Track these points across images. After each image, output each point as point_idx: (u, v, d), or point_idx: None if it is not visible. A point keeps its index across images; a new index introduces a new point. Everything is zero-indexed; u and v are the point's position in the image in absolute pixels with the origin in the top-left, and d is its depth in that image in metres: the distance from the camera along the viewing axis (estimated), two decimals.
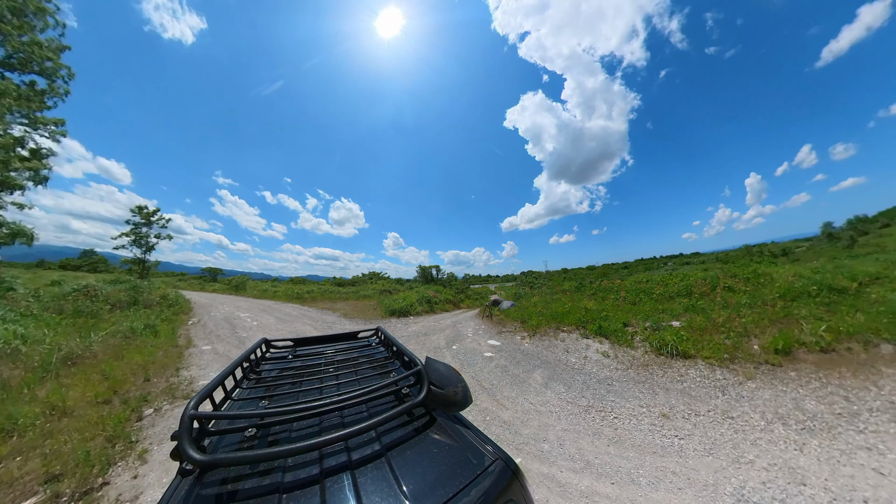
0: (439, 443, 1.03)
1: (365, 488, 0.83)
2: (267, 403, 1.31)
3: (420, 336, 9.79)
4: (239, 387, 1.49)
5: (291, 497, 0.80)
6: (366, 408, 1.23)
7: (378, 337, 2.27)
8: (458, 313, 15.76)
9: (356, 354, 1.97)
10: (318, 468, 0.90)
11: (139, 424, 4.01)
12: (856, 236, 30.54)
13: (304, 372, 1.65)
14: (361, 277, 33.81)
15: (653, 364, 5.66)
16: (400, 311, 13.80)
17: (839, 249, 29.91)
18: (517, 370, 6.23)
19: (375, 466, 0.91)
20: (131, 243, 21.57)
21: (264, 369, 1.77)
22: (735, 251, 48.66)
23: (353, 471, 0.89)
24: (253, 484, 0.85)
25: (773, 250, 41.26)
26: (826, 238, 44.62)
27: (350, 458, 0.94)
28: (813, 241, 49.15)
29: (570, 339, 7.75)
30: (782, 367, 4.88)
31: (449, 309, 17.85)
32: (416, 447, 1.01)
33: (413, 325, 12.05)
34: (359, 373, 1.62)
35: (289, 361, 1.93)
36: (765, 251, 40.56)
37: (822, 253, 29.46)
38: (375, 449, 0.98)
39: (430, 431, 1.09)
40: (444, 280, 26.91)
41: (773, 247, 46.50)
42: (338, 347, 2.20)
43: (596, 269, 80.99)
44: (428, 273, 26.70)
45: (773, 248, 44.50)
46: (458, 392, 1.22)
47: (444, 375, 1.27)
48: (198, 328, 9.65)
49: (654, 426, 3.88)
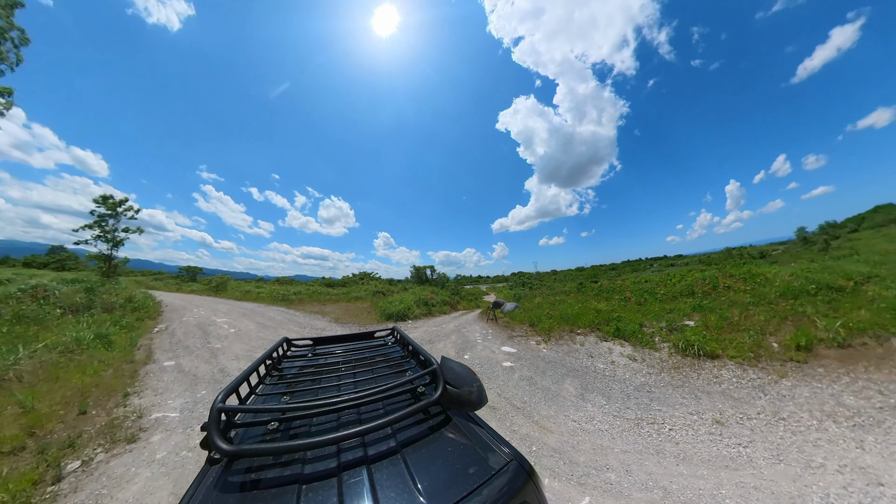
0: (454, 442, 1.04)
1: (381, 483, 0.86)
2: (288, 399, 1.39)
3: (424, 343, 8.87)
4: (262, 383, 1.55)
5: (310, 488, 0.85)
6: (382, 405, 1.26)
7: (394, 336, 2.29)
8: (457, 316, 14.92)
9: (373, 353, 2.00)
10: (336, 462, 0.94)
11: (54, 490, 2.81)
12: (829, 240, 31.78)
13: (323, 369, 1.72)
14: (352, 278, 32.38)
15: (683, 366, 5.53)
16: (397, 314, 12.77)
17: (815, 252, 30.99)
18: (545, 381, 5.68)
19: (391, 462, 0.94)
20: (95, 238, 19.18)
21: (285, 366, 1.83)
22: (717, 254, 50.77)
23: (369, 466, 0.93)
24: (275, 474, 0.90)
25: (752, 253, 43.17)
26: (801, 242, 46.45)
27: (366, 454, 0.97)
28: (788, 244, 51.24)
29: (589, 342, 7.43)
30: (807, 363, 4.92)
31: (447, 311, 16.90)
32: (431, 445, 1.02)
33: (414, 330, 11.08)
34: (375, 371, 1.66)
35: (309, 359, 1.98)
36: (744, 254, 42.29)
37: (798, 256, 30.63)
38: (391, 445, 1.01)
39: (445, 430, 1.10)
40: (438, 281, 25.91)
41: (752, 249, 48.74)
42: (355, 346, 2.24)
43: (585, 270, 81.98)
44: (422, 273, 25.66)
45: (751, 251, 46.56)
46: (473, 392, 1.22)
47: (459, 375, 1.28)
48: (163, 337, 8.30)
49: (712, 435, 3.67)
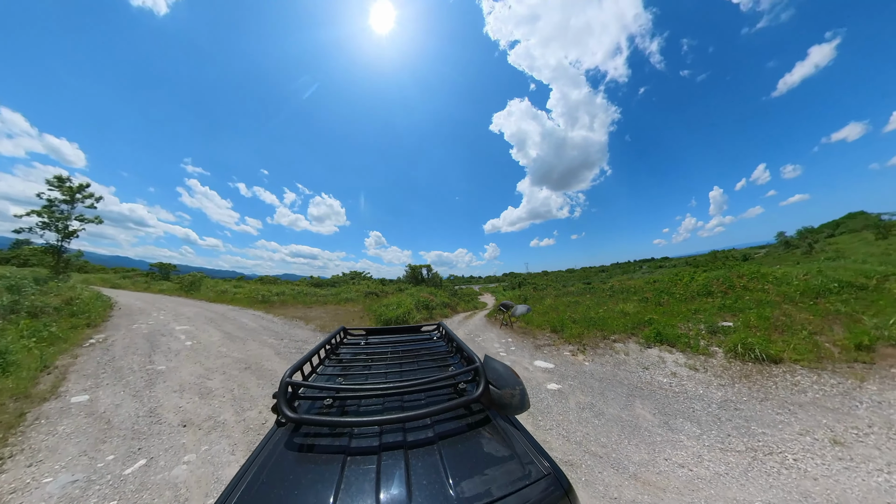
0: (491, 443, 1.04)
1: (415, 469, 0.92)
2: (342, 380, 1.56)
3: None
4: (322, 364, 1.75)
5: (353, 460, 0.96)
6: (424, 396, 1.33)
7: (439, 332, 2.37)
8: (462, 320, 13.36)
9: (419, 346, 2.10)
10: (378, 441, 1.04)
11: None
12: (812, 244, 32.30)
13: (374, 357, 1.88)
14: (342, 277, 30.19)
15: (751, 373, 5.00)
16: (395, 319, 11.02)
17: (799, 255, 31.20)
18: (611, 408, 4.42)
19: (427, 452, 0.99)
20: (41, 226, 16.14)
21: (342, 352, 2.02)
22: (702, 256, 51.50)
23: (406, 450, 0.99)
24: (327, 442, 1.06)
25: (736, 255, 43.84)
26: (783, 245, 47.17)
27: (405, 439, 1.05)
28: (769, 248, 52.24)
29: (632, 350, 6.48)
30: (875, 363, 4.71)
31: (448, 314, 15.33)
32: (467, 442, 1.04)
33: None
34: (420, 363, 1.73)
35: (361, 347, 2.16)
36: (729, 256, 42.83)
37: (782, 258, 30.95)
38: (429, 435, 1.06)
39: (483, 430, 1.10)
40: (433, 280, 24.27)
41: (736, 252, 49.61)
42: (403, 338, 2.40)
43: (575, 271, 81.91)
44: (418, 273, 23.98)
45: (735, 254, 47.29)
46: (515, 395, 1.20)
47: (501, 376, 1.26)
48: (93, 354, 6.36)
49: (843, 461, 3.11)
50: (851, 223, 45.17)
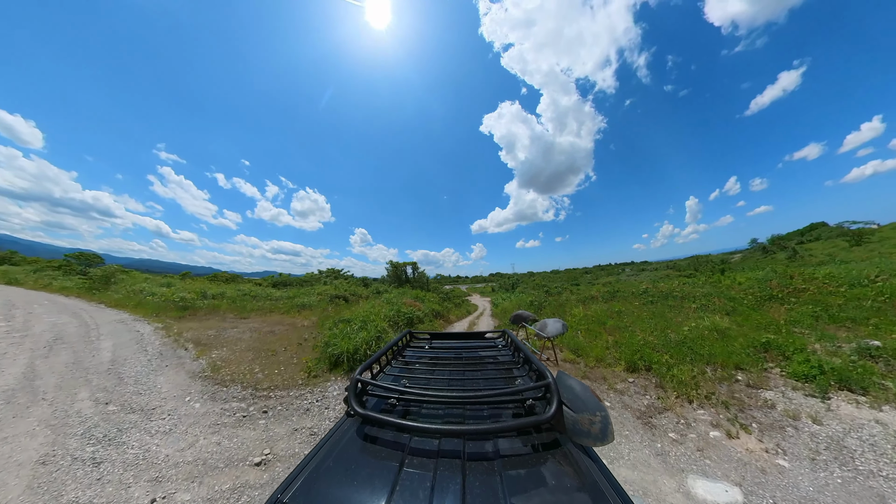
0: (560, 472, 0.92)
1: (471, 483, 0.86)
2: (406, 382, 1.56)
3: None
4: (389, 364, 1.81)
5: (411, 462, 0.96)
6: (486, 408, 1.27)
7: (504, 339, 2.33)
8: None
9: (483, 354, 2.05)
10: (437, 447, 1.02)
11: None
12: (796, 248, 32.50)
13: (438, 362, 1.92)
14: (316, 275, 25.30)
15: None
16: (350, 357, 5.93)
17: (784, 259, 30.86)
18: None
19: (486, 469, 0.92)
20: None
21: (408, 355, 2.04)
22: (683, 260, 51.97)
23: (464, 462, 0.95)
24: (390, 437, 1.08)
25: (714, 260, 44.03)
26: (760, 250, 47.82)
27: (465, 450, 1.00)
28: (743, 252, 53.29)
29: (802, 405, 3.97)
30: None
31: (440, 327, 11.56)
32: (531, 467, 0.95)
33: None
34: (483, 372, 1.71)
35: (426, 351, 2.16)
36: (708, 261, 43.00)
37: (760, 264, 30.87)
38: (490, 451, 1.00)
39: (551, 457, 0.99)
40: (419, 280, 20.41)
41: (714, 257, 50.23)
42: (467, 344, 2.38)
43: (560, 272, 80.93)
44: (401, 272, 20.09)
45: (713, 259, 47.75)
46: (595, 422, 1.06)
47: (579, 397, 1.14)
48: None
49: None
50: (816, 232, 46.77)
